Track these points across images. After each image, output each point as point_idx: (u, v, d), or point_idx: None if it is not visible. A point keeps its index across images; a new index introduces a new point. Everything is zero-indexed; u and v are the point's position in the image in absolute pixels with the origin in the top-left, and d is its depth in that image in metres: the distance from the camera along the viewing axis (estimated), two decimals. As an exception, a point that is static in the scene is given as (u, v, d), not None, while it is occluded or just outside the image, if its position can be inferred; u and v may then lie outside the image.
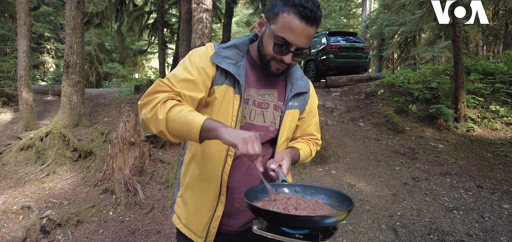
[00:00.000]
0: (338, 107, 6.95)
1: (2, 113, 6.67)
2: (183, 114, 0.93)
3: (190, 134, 0.92)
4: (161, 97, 0.98)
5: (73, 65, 5.46)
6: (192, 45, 5.08)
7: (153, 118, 0.96)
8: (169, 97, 0.99)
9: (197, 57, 1.07)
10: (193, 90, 1.03)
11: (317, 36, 9.92)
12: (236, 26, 21.50)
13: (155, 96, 0.99)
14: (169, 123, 0.94)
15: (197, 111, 0.97)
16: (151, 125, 0.98)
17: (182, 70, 1.05)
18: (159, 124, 0.95)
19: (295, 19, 0.94)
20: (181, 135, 0.96)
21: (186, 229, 1.15)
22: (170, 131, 0.96)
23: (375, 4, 19.07)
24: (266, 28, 1.03)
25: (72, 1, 5.41)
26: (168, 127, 0.95)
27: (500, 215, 3.29)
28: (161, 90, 1.01)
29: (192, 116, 0.92)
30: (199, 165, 1.12)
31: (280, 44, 0.98)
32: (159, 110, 0.96)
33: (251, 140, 0.87)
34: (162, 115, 0.95)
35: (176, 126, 0.93)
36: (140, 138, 4.13)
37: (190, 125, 0.91)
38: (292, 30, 0.95)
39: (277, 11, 0.98)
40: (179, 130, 0.94)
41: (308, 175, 4.27)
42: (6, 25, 12.37)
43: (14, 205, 3.42)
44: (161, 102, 0.97)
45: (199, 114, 0.94)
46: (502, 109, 5.85)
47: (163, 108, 0.96)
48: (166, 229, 3.15)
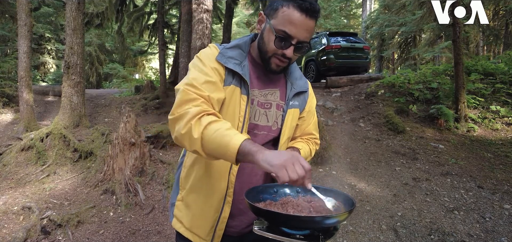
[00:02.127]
0: (339, 107, 6.95)
1: (2, 114, 6.67)
2: (219, 134, 0.87)
3: (226, 156, 0.87)
4: (193, 112, 0.92)
5: (73, 66, 5.46)
6: (192, 46, 5.08)
7: (187, 136, 0.92)
8: (203, 110, 0.94)
9: (207, 59, 1.06)
10: (216, 91, 1.01)
11: (318, 37, 9.92)
12: (236, 27, 21.52)
13: (186, 110, 0.94)
14: (205, 143, 0.89)
15: (234, 130, 0.91)
16: (185, 142, 0.93)
17: (199, 73, 1.02)
18: (194, 143, 0.90)
19: (295, 12, 0.95)
20: (216, 156, 0.90)
21: (190, 233, 1.13)
22: (206, 151, 0.90)
23: (375, 4, 19.08)
24: (266, 24, 1.04)
25: (72, 2, 5.42)
26: (204, 147, 0.90)
27: (501, 216, 3.29)
28: (191, 98, 0.96)
29: (229, 137, 0.86)
30: (204, 166, 1.10)
31: (281, 37, 0.98)
32: (193, 129, 0.90)
33: (291, 163, 0.80)
34: (197, 134, 0.89)
35: (212, 146, 0.88)
36: (140, 139, 4.14)
37: (227, 147, 0.85)
38: (293, 23, 0.96)
39: (276, 6, 1.00)
40: (215, 150, 0.88)
41: (308, 176, 4.26)
42: (6, 26, 12.39)
43: (15, 205, 3.42)
44: (195, 119, 0.92)
45: (237, 134, 0.87)
46: (502, 109, 5.85)
47: (198, 126, 0.90)
48: (166, 229, 3.15)
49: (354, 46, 9.47)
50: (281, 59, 1.03)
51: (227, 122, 0.93)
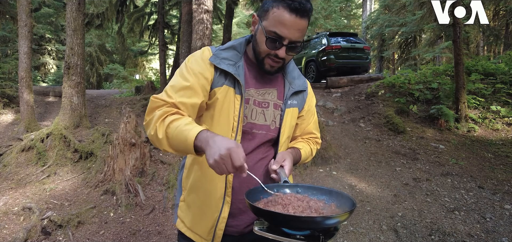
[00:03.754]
0: (339, 108, 6.94)
1: (3, 114, 6.68)
2: (179, 130, 0.91)
3: (188, 150, 0.91)
4: (157, 114, 0.98)
5: (74, 66, 5.47)
6: (193, 46, 5.08)
7: (155, 138, 0.97)
8: (166, 112, 0.98)
9: (193, 63, 1.08)
10: (192, 96, 1.03)
11: (318, 37, 9.92)
12: (236, 27, 21.52)
13: (152, 115, 1.00)
14: (170, 141, 0.94)
15: (194, 123, 0.95)
16: (156, 144, 0.98)
17: (179, 79, 1.06)
18: (161, 143, 0.95)
19: (285, 12, 0.96)
20: (183, 151, 0.94)
21: (191, 232, 1.14)
22: (174, 148, 0.95)
23: (375, 4, 19.08)
24: (258, 26, 1.05)
25: (73, 3, 5.42)
26: (171, 145, 0.95)
27: (501, 216, 3.29)
28: (157, 106, 1.01)
29: (187, 132, 0.89)
30: (202, 166, 1.11)
31: (272, 38, 0.99)
32: (158, 130, 0.95)
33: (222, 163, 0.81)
34: (161, 134, 0.94)
35: (176, 142, 0.93)
36: (140, 139, 4.14)
37: (186, 142, 0.89)
38: (283, 24, 0.97)
39: (267, 7, 1.01)
40: (179, 146, 0.93)
41: (309, 176, 4.27)
42: (7, 26, 12.41)
43: (15, 206, 3.42)
44: (159, 120, 0.96)
45: (194, 127, 0.90)
46: (503, 109, 5.84)
47: (162, 126, 0.95)
48: (167, 230, 3.15)
49: (355, 46, 9.47)
50: (274, 60, 1.04)
51: (188, 117, 0.97)
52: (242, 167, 0.83)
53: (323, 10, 19.93)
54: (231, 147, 0.82)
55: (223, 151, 0.81)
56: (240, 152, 0.83)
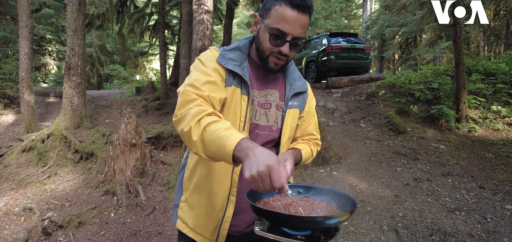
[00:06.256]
0: (339, 108, 6.94)
1: (4, 115, 6.69)
2: (217, 135, 0.85)
3: (224, 158, 0.85)
4: (193, 112, 0.93)
5: (74, 67, 5.47)
6: (193, 47, 5.08)
7: (187, 137, 0.92)
8: (202, 111, 0.93)
9: (207, 60, 1.08)
10: (217, 91, 1.03)
11: (318, 37, 9.92)
12: (237, 28, 21.54)
13: (187, 111, 0.95)
14: (205, 145, 0.88)
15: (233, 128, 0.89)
16: (188, 144, 0.94)
17: (200, 74, 1.03)
18: (195, 146, 0.90)
19: (287, 9, 0.98)
20: (218, 158, 0.88)
21: (194, 233, 1.14)
22: (207, 153, 0.89)
23: (375, 5, 19.08)
24: (261, 24, 1.07)
25: (73, 3, 5.43)
26: (204, 149, 0.89)
27: (502, 216, 3.28)
28: (191, 99, 0.97)
29: (226, 137, 0.83)
30: (207, 166, 1.11)
31: (275, 35, 1.01)
32: (193, 131, 0.90)
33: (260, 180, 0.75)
34: (196, 136, 0.89)
35: (212, 148, 0.87)
36: (141, 139, 4.14)
37: (224, 148, 0.83)
38: (286, 20, 0.99)
39: (269, 6, 1.03)
40: (215, 152, 0.86)
41: (309, 176, 4.27)
42: (8, 27, 12.42)
43: (16, 206, 3.42)
44: (195, 120, 0.91)
45: (234, 133, 0.84)
46: (503, 109, 5.84)
47: (197, 128, 0.90)
48: (167, 230, 3.15)
49: (355, 46, 9.47)
50: (278, 57, 1.05)
51: (226, 121, 0.93)
52: (282, 188, 0.76)
53: (324, 11, 19.93)
54: (272, 165, 0.75)
55: (261, 167, 0.74)
56: (282, 170, 0.76)
